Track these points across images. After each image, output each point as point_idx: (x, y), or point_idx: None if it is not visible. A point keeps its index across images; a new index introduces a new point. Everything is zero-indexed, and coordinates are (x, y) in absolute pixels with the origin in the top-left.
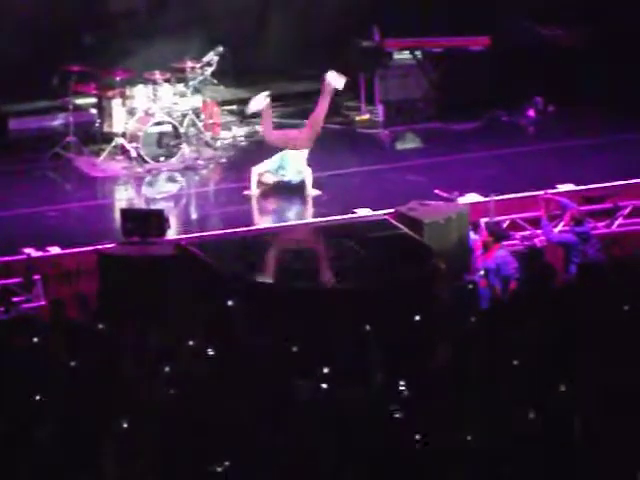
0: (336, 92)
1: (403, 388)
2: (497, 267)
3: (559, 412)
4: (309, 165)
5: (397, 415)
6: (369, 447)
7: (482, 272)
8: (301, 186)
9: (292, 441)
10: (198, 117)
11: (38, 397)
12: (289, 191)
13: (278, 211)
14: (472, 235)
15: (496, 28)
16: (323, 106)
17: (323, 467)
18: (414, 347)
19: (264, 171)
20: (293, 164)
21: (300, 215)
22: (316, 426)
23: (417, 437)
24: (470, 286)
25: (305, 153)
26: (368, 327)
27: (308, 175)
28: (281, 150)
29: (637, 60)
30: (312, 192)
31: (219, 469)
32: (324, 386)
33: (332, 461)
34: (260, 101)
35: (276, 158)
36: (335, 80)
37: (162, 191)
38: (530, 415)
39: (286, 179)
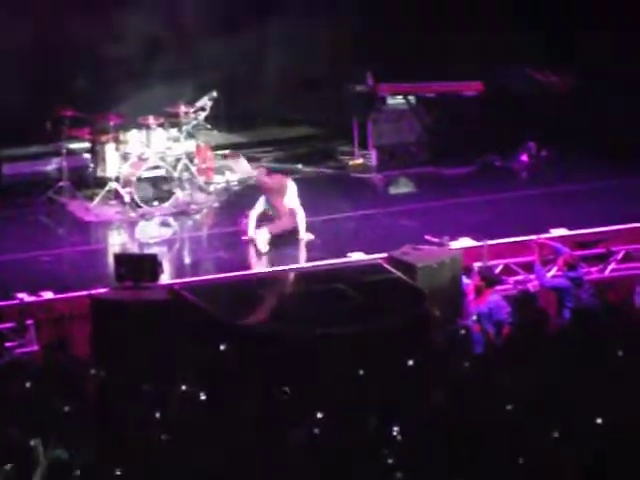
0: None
1: (396, 433)
2: (490, 312)
3: (553, 458)
4: (303, 209)
5: (390, 460)
6: None
7: (475, 317)
8: (294, 230)
9: None
10: (191, 162)
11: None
12: (283, 235)
13: (271, 256)
14: (465, 280)
15: (489, 73)
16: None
17: None
18: (408, 392)
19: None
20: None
21: (294, 260)
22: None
23: None
24: (463, 331)
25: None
26: (362, 372)
27: (302, 218)
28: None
29: (630, 107)
30: (305, 236)
31: None
32: (317, 431)
33: None
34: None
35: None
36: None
37: (155, 236)
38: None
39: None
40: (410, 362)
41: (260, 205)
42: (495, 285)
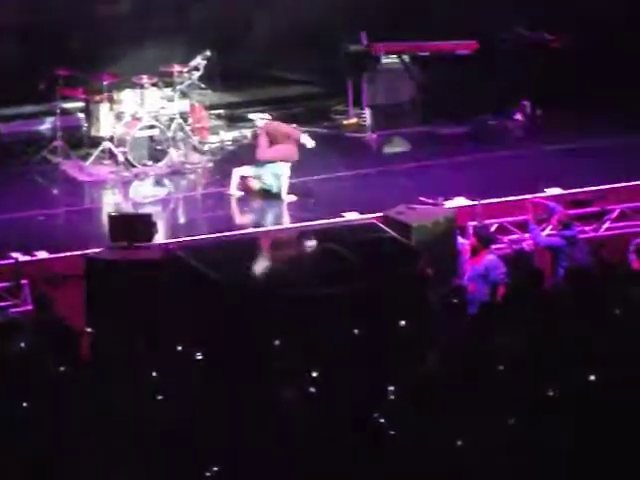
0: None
1: (390, 394)
2: (486, 272)
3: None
4: (297, 169)
5: (381, 420)
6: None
7: (470, 277)
8: (278, 193)
9: (277, 444)
10: (185, 121)
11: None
12: (272, 196)
13: (265, 215)
14: (460, 239)
15: (483, 32)
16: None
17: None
18: (401, 352)
19: (247, 175)
20: (269, 167)
21: (287, 219)
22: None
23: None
24: (458, 290)
25: (286, 164)
26: (356, 331)
27: (285, 180)
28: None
29: (623, 64)
30: (287, 198)
31: (208, 474)
32: (312, 390)
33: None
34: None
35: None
36: (307, 141)
37: (149, 195)
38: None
39: (267, 184)
40: (402, 323)
41: (249, 169)
42: (491, 245)
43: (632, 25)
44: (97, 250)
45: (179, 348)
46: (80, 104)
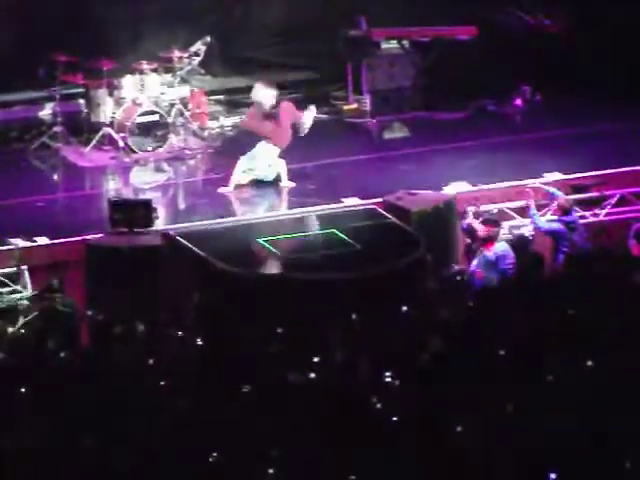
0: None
1: (389, 379)
2: (496, 259)
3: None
4: (296, 154)
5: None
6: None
7: (479, 263)
8: (275, 181)
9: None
10: (185, 107)
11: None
12: (269, 184)
13: (265, 201)
14: (472, 224)
15: (483, 17)
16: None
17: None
18: (401, 337)
19: (238, 170)
20: (262, 157)
21: (287, 205)
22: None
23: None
24: (458, 276)
25: (275, 148)
26: (355, 316)
27: (283, 167)
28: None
29: (623, 48)
30: (287, 184)
31: (210, 460)
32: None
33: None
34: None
35: (247, 155)
36: (308, 120)
37: (150, 181)
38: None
39: (259, 175)
40: (404, 308)
41: (242, 162)
42: (500, 228)
43: (630, 12)
44: (98, 236)
45: (179, 334)
46: (80, 90)
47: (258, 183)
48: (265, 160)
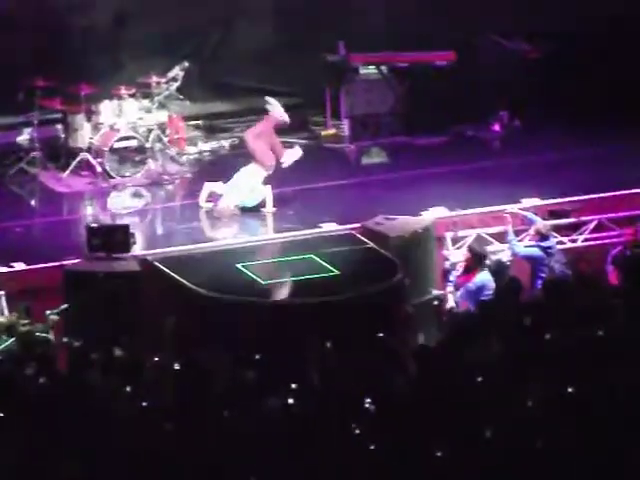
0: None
1: (367, 405)
2: (477, 290)
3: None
4: (275, 180)
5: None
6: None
7: (462, 295)
8: (257, 206)
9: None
10: (164, 132)
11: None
12: (250, 209)
13: (243, 226)
14: (452, 253)
15: (461, 43)
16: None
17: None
18: (380, 363)
19: (221, 194)
20: (245, 180)
21: (266, 230)
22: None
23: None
24: (436, 302)
25: (260, 173)
26: (329, 344)
27: (268, 193)
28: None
29: (603, 75)
30: (271, 210)
31: None
32: (291, 402)
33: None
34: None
35: (231, 181)
36: (282, 115)
37: (128, 206)
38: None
39: (242, 201)
40: (380, 333)
41: (223, 186)
42: (485, 262)
43: (613, 35)
44: (75, 261)
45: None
46: (58, 115)
47: (240, 208)
48: (248, 184)
